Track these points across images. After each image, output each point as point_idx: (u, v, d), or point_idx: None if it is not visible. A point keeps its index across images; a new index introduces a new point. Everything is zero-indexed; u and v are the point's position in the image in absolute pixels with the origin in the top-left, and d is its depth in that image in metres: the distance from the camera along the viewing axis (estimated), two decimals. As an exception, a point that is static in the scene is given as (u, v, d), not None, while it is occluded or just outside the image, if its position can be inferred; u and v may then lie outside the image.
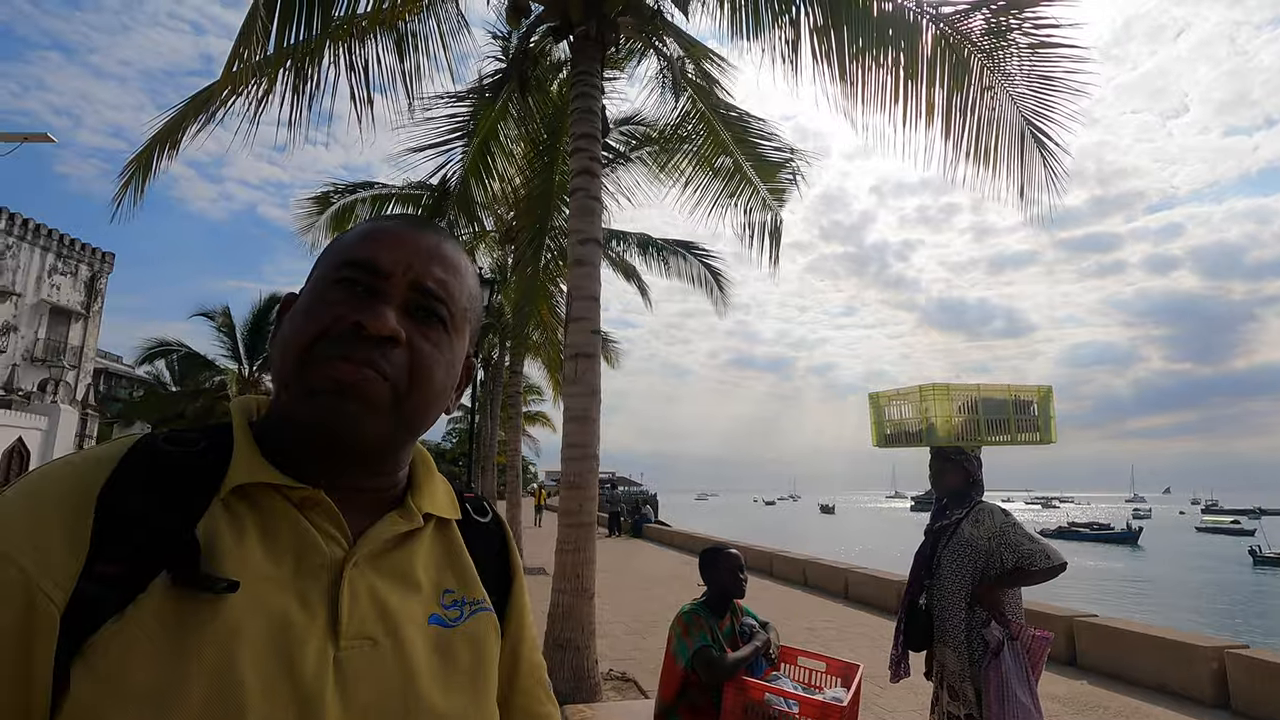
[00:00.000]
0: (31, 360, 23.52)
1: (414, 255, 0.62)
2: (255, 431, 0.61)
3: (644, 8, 6.06)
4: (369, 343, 0.57)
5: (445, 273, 0.63)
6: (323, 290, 0.60)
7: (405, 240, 0.62)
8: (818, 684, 2.95)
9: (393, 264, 0.60)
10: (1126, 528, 45.67)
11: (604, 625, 6.42)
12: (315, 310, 0.59)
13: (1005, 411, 3.37)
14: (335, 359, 0.56)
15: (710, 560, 2.87)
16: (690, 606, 2.79)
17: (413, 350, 0.59)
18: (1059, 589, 21.35)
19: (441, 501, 0.68)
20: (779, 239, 7.63)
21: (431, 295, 0.61)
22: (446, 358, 0.63)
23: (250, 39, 4.23)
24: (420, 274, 0.61)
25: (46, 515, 0.50)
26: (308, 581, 0.55)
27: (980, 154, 5.24)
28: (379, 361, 0.57)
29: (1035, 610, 6.65)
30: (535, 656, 0.76)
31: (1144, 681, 5.49)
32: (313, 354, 0.57)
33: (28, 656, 0.46)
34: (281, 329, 0.62)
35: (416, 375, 0.59)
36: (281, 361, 0.59)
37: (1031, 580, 2.94)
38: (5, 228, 22.66)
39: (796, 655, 3.02)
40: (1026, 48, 4.87)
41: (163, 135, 5.33)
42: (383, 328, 0.57)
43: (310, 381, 0.56)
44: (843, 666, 2.93)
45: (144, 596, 0.49)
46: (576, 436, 5.17)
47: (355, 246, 0.62)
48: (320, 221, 10.81)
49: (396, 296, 0.60)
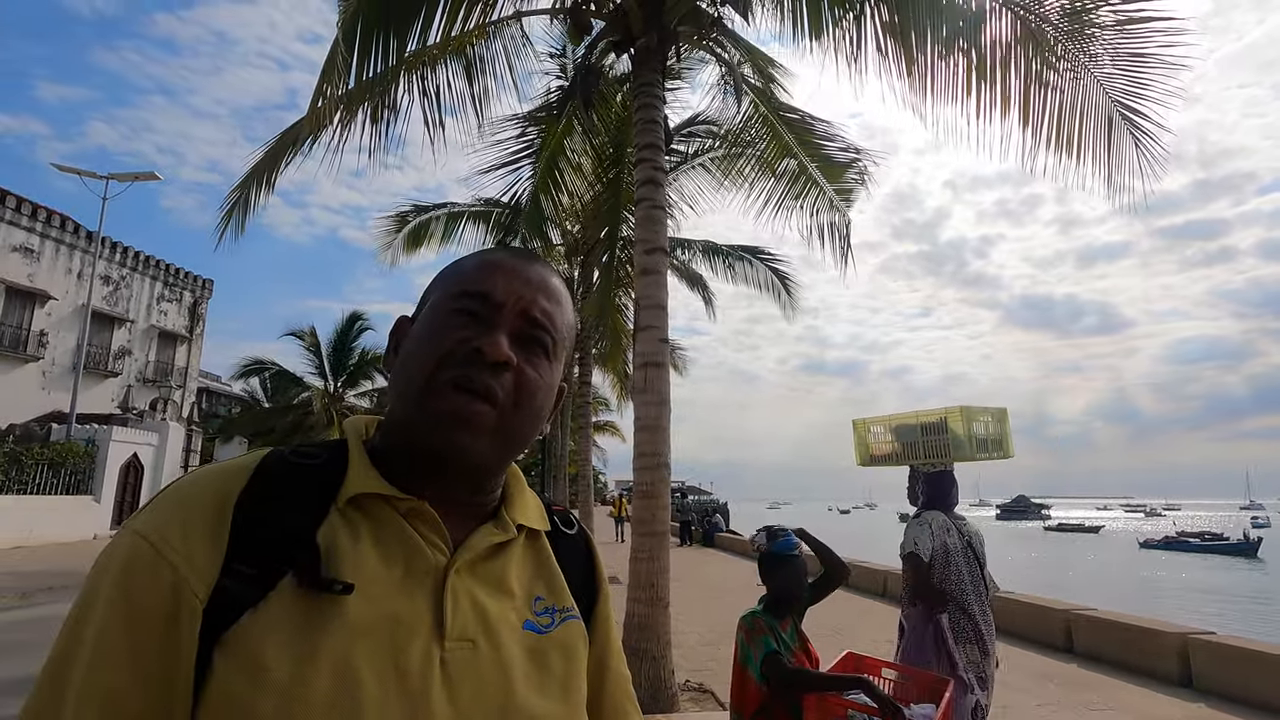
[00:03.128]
0: (144, 381, 25.56)
1: (524, 287, 0.67)
2: (368, 447, 0.66)
3: (704, 16, 6.06)
4: (486, 368, 0.62)
5: (550, 303, 0.68)
6: (443, 318, 0.65)
7: (516, 273, 0.68)
8: (903, 697, 2.80)
9: (505, 294, 0.66)
10: (1244, 538, 41.82)
11: (677, 635, 6.38)
12: (437, 336, 0.64)
13: (915, 435, 3.89)
14: (456, 387, 0.61)
15: (772, 563, 2.75)
16: (752, 610, 2.69)
17: (519, 374, 0.64)
18: (1168, 605, 19.70)
19: (533, 514, 0.72)
20: (849, 239, 7.46)
21: (538, 324, 0.67)
22: (547, 382, 0.67)
23: (332, 75, 4.48)
24: (529, 304, 0.66)
25: (194, 520, 0.57)
26: (415, 585, 0.60)
27: (1063, 141, 4.96)
28: (493, 387, 0.62)
29: (1143, 628, 6.18)
30: (622, 668, 0.79)
31: (1275, 706, 5.00)
32: (436, 379, 0.62)
33: (175, 641, 0.53)
34: (402, 350, 0.67)
35: (521, 398, 0.64)
36: (405, 383, 0.64)
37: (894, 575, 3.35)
38: (120, 260, 24.79)
39: (880, 667, 2.87)
40: (1113, 24, 4.58)
41: (258, 170, 5.71)
42: (499, 354, 0.62)
43: (432, 410, 0.62)
44: (932, 680, 2.78)
45: (274, 594, 0.55)
46: (647, 445, 5.17)
47: (472, 277, 0.67)
48: (398, 240, 11.31)
49: (508, 324, 0.65)
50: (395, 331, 0.71)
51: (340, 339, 25.25)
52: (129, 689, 0.51)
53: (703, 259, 12.91)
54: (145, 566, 0.54)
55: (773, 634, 2.57)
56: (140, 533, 0.55)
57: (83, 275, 22.73)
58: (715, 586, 11.59)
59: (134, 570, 0.54)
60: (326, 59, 4.48)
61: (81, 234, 23.11)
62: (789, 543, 2.76)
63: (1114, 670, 6.10)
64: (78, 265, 23.01)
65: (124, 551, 0.55)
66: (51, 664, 0.53)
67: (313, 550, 0.57)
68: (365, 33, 4.57)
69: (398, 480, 0.62)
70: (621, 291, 10.38)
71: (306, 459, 0.63)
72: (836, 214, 7.44)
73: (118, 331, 24.62)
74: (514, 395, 0.63)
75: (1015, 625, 7.63)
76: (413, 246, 11.38)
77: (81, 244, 23.07)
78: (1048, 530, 67.35)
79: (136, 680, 0.52)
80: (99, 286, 23.19)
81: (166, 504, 0.58)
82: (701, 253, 12.84)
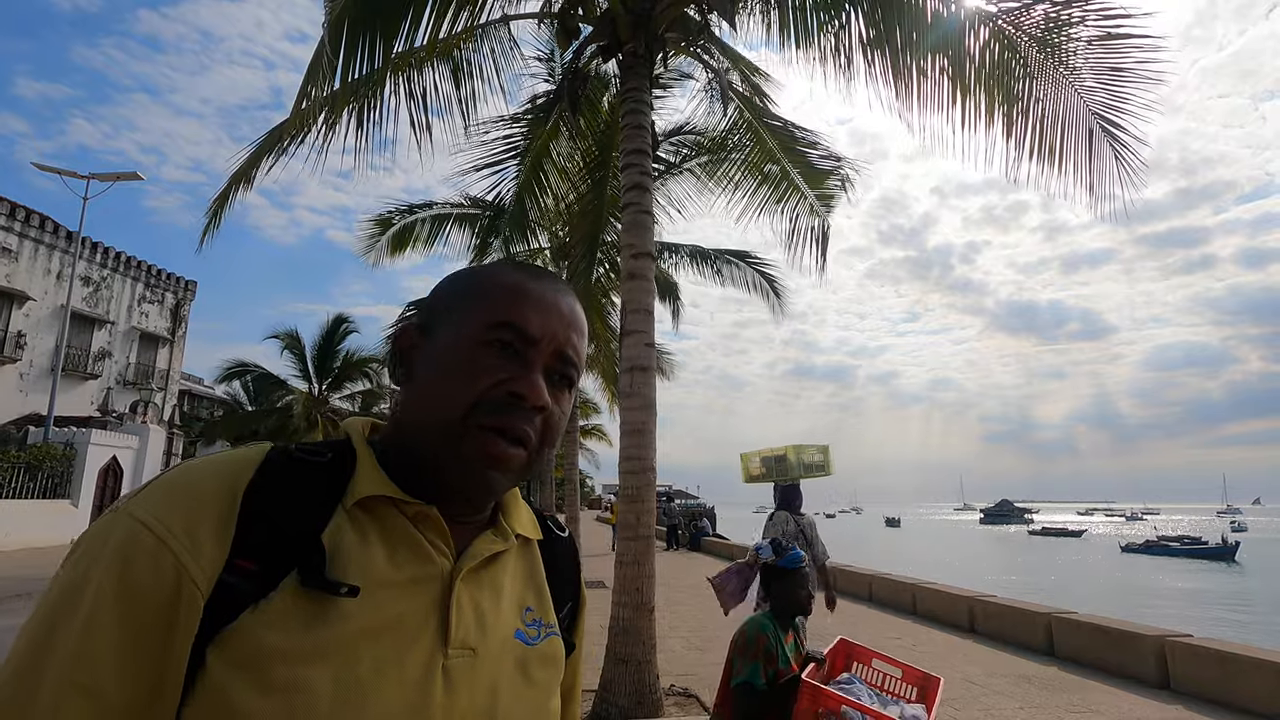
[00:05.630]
0: (124, 384, 25.20)
1: (559, 323, 0.65)
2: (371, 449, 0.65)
3: (691, 23, 6.10)
4: (524, 413, 0.61)
5: (579, 339, 0.68)
6: (473, 350, 0.62)
7: (551, 307, 0.65)
8: (892, 690, 2.79)
9: (541, 331, 0.64)
10: (1222, 542, 42.45)
11: (662, 640, 6.37)
12: (470, 372, 0.61)
13: (771, 463, 6.83)
14: (494, 433, 0.60)
15: (778, 576, 2.74)
16: (756, 618, 2.64)
17: (548, 414, 0.64)
18: (1146, 609, 19.92)
19: (526, 523, 0.72)
20: (826, 245, 7.55)
21: (569, 362, 0.66)
22: (566, 413, 0.67)
23: (317, 75, 4.44)
24: (563, 343, 0.65)
25: (200, 510, 0.54)
26: (421, 591, 0.59)
27: (1045, 151, 5.03)
28: (529, 434, 0.62)
29: (1122, 630, 6.25)
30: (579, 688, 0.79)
31: (1254, 709, 5.07)
32: (471, 421, 0.60)
33: (170, 637, 0.51)
34: (423, 374, 0.64)
35: (548, 437, 0.64)
36: (429, 415, 0.61)
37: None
38: (101, 261, 24.44)
39: (872, 657, 2.86)
40: (1093, 39, 4.66)
41: (242, 171, 5.66)
42: (540, 399, 0.62)
43: (467, 454, 0.60)
44: (921, 676, 2.77)
45: (276, 593, 0.53)
46: (633, 450, 5.17)
47: (503, 306, 0.64)
48: (382, 242, 11.21)
49: (542, 361, 0.64)
50: (400, 340, 0.67)
51: (325, 342, 25.00)
52: (114, 683, 0.48)
53: (690, 263, 12.94)
54: (145, 555, 0.51)
55: (773, 649, 2.52)
56: (139, 518, 0.52)
57: (62, 276, 22.42)
58: (701, 591, 11.58)
59: (132, 558, 0.51)
60: (312, 59, 4.45)
61: (61, 234, 22.79)
62: (796, 556, 2.79)
63: (1094, 673, 6.16)
64: (57, 266, 22.68)
65: (121, 537, 0.52)
66: (26, 651, 0.49)
67: (319, 550, 0.55)
68: (351, 34, 4.54)
69: (403, 484, 0.62)
70: (603, 295, 10.39)
71: (312, 456, 0.61)
72: (817, 219, 7.51)
73: (98, 333, 24.27)
74: (542, 434, 0.63)
75: (997, 628, 7.70)
76: (398, 249, 11.28)
77: (61, 244, 22.74)
78: (1032, 535, 68.01)
79: (123, 674, 0.49)
80: (79, 287, 22.87)
81: (169, 491, 0.55)
82: (689, 257, 12.87)
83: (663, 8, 5.57)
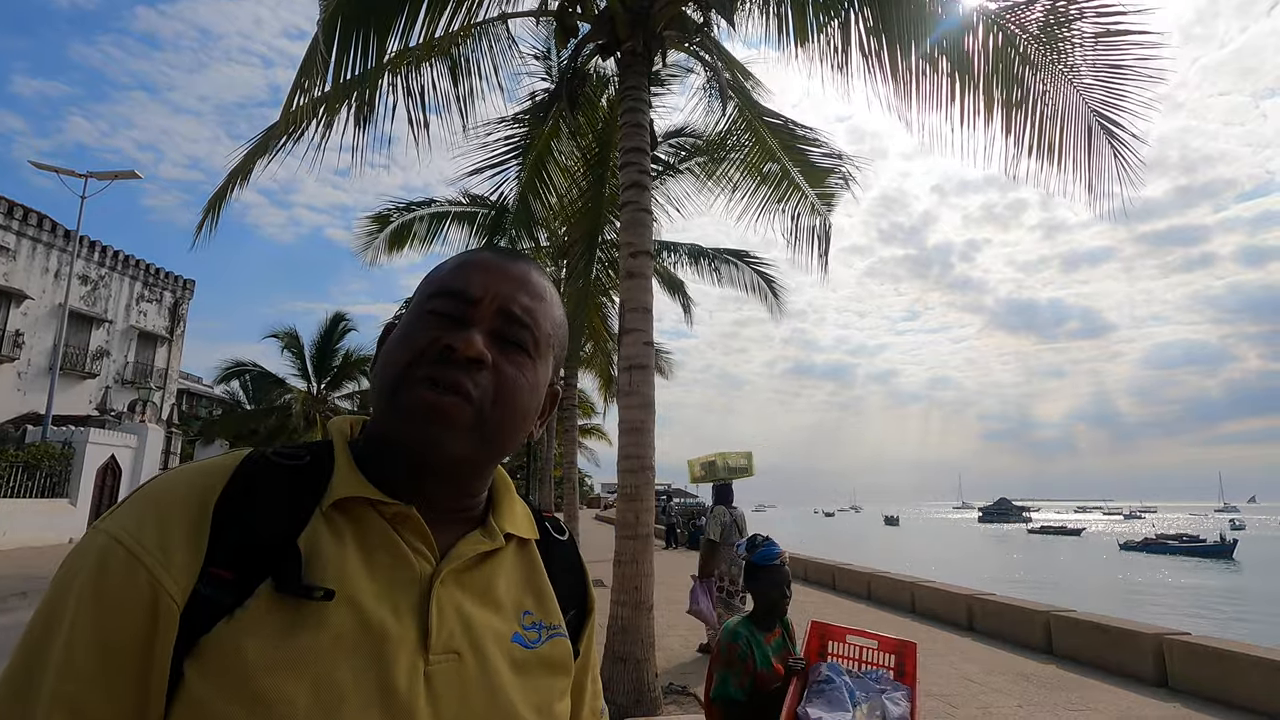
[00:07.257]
0: (122, 383, 25.15)
1: (502, 283, 0.64)
2: (353, 449, 0.64)
3: (690, 21, 6.08)
4: (458, 365, 0.59)
5: (531, 300, 0.65)
6: (418, 317, 0.63)
7: (494, 269, 0.65)
8: (870, 660, 2.74)
9: (482, 290, 0.63)
10: (1220, 540, 42.51)
11: (660, 638, 6.37)
12: (410, 336, 0.62)
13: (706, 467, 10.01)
14: (426, 383, 0.59)
15: (753, 573, 2.71)
16: (734, 624, 2.62)
17: (498, 373, 0.62)
18: (1146, 607, 19.94)
19: (521, 522, 0.70)
20: (828, 243, 7.53)
21: (517, 321, 0.64)
22: (530, 381, 0.64)
23: (311, 72, 4.42)
24: (507, 301, 0.64)
25: (171, 522, 0.54)
26: (400, 595, 0.57)
27: (1044, 149, 5.01)
28: (465, 384, 0.59)
29: (1120, 629, 6.25)
30: (597, 687, 0.78)
31: (1251, 707, 5.07)
32: (407, 377, 0.60)
33: (149, 651, 0.50)
34: (380, 353, 0.65)
35: (500, 397, 0.61)
36: (380, 384, 0.62)
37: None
38: (99, 259, 24.39)
39: (845, 633, 2.79)
40: (1092, 37, 4.65)
41: (240, 169, 5.64)
42: (470, 349, 0.60)
43: (402, 404, 0.59)
44: (896, 644, 2.72)
45: (252, 600, 0.52)
46: (632, 448, 5.16)
47: (449, 276, 0.65)
48: (380, 240, 11.19)
49: (485, 322, 0.63)
50: (382, 338, 0.68)
51: (324, 340, 25.01)
52: (99, 700, 0.49)
53: (689, 262, 12.93)
54: (119, 570, 0.51)
55: (750, 651, 2.51)
56: (112, 534, 0.52)
57: (60, 274, 22.37)
58: (700, 589, 11.56)
59: (106, 574, 0.51)
60: (305, 57, 4.43)
61: (59, 232, 22.74)
62: (769, 551, 2.75)
63: (1092, 671, 6.16)
64: (55, 264, 22.62)
65: (95, 554, 0.52)
66: (14, 671, 0.50)
67: (294, 555, 0.54)
68: (345, 31, 4.52)
69: (383, 485, 0.60)
70: (601, 294, 10.38)
71: (289, 460, 0.60)
72: (818, 218, 7.49)
73: (96, 332, 24.22)
74: (493, 393, 0.61)
75: (995, 626, 7.71)
76: (395, 247, 11.26)
77: (59, 243, 22.68)
78: (1030, 533, 68.06)
79: (108, 691, 0.49)
80: (77, 286, 22.83)
81: (141, 504, 0.55)
82: (688, 255, 12.85)
83: (661, 6, 5.55)
